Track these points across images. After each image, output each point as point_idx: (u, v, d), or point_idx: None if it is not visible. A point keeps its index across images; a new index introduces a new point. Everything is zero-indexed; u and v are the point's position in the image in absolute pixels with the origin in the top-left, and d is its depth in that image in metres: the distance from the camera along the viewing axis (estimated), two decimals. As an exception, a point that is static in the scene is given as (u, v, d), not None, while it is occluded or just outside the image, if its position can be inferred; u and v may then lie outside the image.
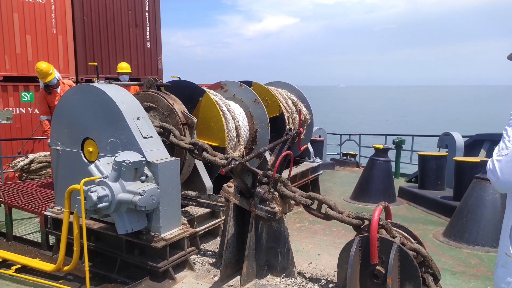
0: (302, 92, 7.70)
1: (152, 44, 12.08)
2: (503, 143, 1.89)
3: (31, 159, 8.14)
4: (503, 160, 1.84)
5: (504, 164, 1.84)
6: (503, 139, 1.91)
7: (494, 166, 1.88)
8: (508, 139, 1.88)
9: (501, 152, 1.88)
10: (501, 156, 1.86)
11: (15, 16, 9.52)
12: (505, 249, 1.95)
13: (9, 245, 5.09)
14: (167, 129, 4.45)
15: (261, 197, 3.76)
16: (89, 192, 3.53)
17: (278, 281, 3.84)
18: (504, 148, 1.87)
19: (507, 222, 2.01)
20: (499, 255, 2.04)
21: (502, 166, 1.85)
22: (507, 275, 1.93)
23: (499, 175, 1.86)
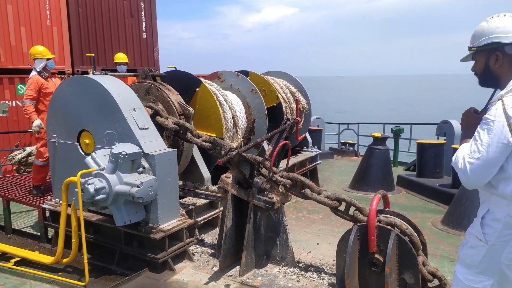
0: (299, 82, 7.65)
1: (148, 34, 11.98)
2: (475, 146, 1.99)
3: (29, 152, 8.09)
4: (475, 164, 1.97)
5: (475, 167, 1.97)
6: (475, 141, 2.01)
7: (466, 168, 2.00)
8: (481, 142, 1.97)
9: (473, 155, 1.98)
10: (473, 159, 1.98)
11: (9, 8, 9.40)
12: (477, 233, 2.12)
13: (8, 238, 5.09)
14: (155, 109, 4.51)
15: (259, 187, 3.75)
16: (86, 185, 3.52)
17: (277, 271, 3.85)
18: (476, 152, 1.97)
19: (482, 209, 2.15)
20: (469, 237, 2.20)
21: (473, 169, 1.98)
22: (475, 255, 2.12)
23: (470, 177, 1.99)
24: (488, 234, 2.07)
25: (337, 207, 3.52)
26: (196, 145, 4.42)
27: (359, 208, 3.42)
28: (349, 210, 3.51)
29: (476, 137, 2.01)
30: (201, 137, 4.33)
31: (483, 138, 1.97)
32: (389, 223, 3.16)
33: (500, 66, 2.09)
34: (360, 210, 3.41)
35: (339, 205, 3.52)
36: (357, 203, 3.43)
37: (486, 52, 2.11)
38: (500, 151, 1.93)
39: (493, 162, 1.95)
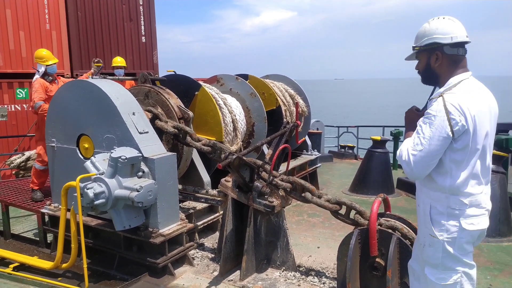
0: (298, 85, 7.65)
1: (147, 38, 11.98)
2: (418, 139, 2.13)
3: (28, 156, 8.07)
4: (418, 155, 2.12)
5: (418, 159, 2.12)
6: (418, 135, 2.14)
7: (409, 160, 2.15)
8: (423, 136, 2.11)
9: (416, 147, 2.13)
10: (416, 151, 2.12)
11: (8, 12, 9.39)
12: (429, 231, 2.21)
13: (7, 243, 5.05)
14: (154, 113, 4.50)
15: (259, 191, 3.74)
16: (86, 189, 3.50)
17: (278, 275, 3.83)
18: (419, 144, 2.11)
19: (424, 207, 2.25)
20: (423, 237, 2.28)
21: (416, 161, 2.12)
22: (436, 252, 2.19)
23: (413, 168, 2.15)
24: (438, 229, 2.17)
25: (338, 211, 3.51)
26: (195, 149, 4.41)
27: (359, 211, 3.41)
28: (350, 213, 3.49)
29: (419, 131, 2.13)
30: (201, 141, 4.32)
31: (425, 132, 2.10)
32: (390, 226, 3.15)
33: (440, 65, 2.22)
34: (361, 214, 3.40)
35: (340, 208, 3.51)
36: (358, 206, 3.42)
37: (428, 51, 2.24)
38: (441, 144, 2.07)
39: (434, 154, 2.09)
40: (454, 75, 2.19)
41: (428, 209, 2.22)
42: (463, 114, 2.03)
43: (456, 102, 2.05)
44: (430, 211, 2.21)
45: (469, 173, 2.12)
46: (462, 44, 2.20)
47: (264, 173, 3.82)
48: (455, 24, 2.19)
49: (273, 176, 3.73)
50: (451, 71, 2.21)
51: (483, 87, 2.22)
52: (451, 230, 2.14)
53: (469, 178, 2.13)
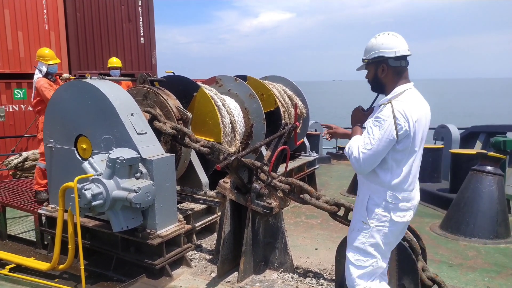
0: (297, 86, 7.65)
1: (145, 39, 11.98)
2: (368, 139, 2.38)
3: (25, 157, 8.04)
4: (367, 154, 2.38)
5: (367, 157, 2.38)
6: (368, 135, 2.40)
7: (359, 156, 2.40)
8: (373, 137, 2.37)
9: (366, 146, 2.39)
10: (366, 150, 2.38)
11: (6, 12, 9.38)
12: (362, 218, 2.52)
13: (3, 244, 5.04)
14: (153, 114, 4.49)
15: (257, 192, 3.73)
16: (83, 190, 3.49)
17: (275, 276, 3.82)
18: (369, 144, 2.38)
19: (363, 197, 2.55)
20: (355, 223, 2.60)
21: (365, 158, 2.39)
22: (362, 238, 2.51)
23: (362, 164, 2.41)
24: (371, 217, 2.47)
25: (336, 212, 3.51)
26: (194, 150, 4.40)
27: None
28: (348, 215, 3.49)
29: (369, 132, 2.40)
30: (199, 142, 4.31)
31: (375, 133, 2.36)
32: (388, 228, 3.14)
33: (386, 75, 2.49)
34: None
35: (338, 210, 3.51)
36: None
37: (375, 64, 2.51)
38: (387, 145, 2.35)
39: (380, 153, 2.38)
40: (398, 85, 2.46)
41: (366, 200, 2.52)
42: (407, 120, 2.32)
43: (402, 109, 2.33)
44: (367, 201, 2.50)
45: (407, 171, 2.43)
46: (405, 57, 2.47)
47: (263, 175, 3.82)
48: (398, 40, 2.45)
49: (271, 178, 3.72)
50: (395, 81, 2.47)
51: (421, 97, 2.52)
52: (381, 220, 2.45)
53: (406, 176, 2.43)
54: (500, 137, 5.84)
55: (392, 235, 2.49)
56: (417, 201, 2.55)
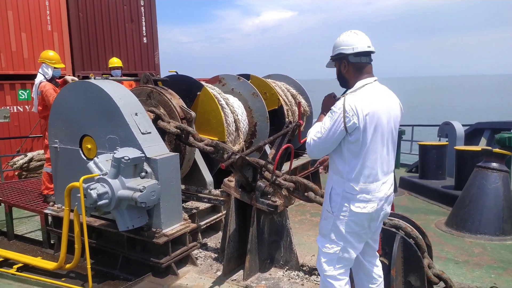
0: (300, 84, 7.65)
1: (148, 39, 11.99)
2: (320, 128, 2.54)
3: (30, 158, 8.09)
4: (317, 141, 2.55)
5: (316, 144, 2.56)
6: (321, 124, 2.55)
7: (310, 142, 2.60)
8: (324, 126, 2.52)
9: (317, 134, 2.55)
10: (316, 138, 2.55)
11: (10, 14, 9.41)
12: (326, 207, 2.63)
13: (11, 244, 5.07)
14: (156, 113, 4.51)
15: (262, 190, 3.74)
16: (89, 190, 3.50)
17: (281, 274, 3.83)
18: (319, 132, 2.54)
19: (328, 187, 2.65)
20: (322, 211, 2.71)
21: (314, 145, 2.57)
22: (327, 225, 2.62)
23: (312, 150, 2.61)
24: (333, 207, 2.57)
25: None
26: (198, 149, 4.41)
27: None
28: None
29: (323, 121, 2.55)
30: (203, 141, 4.32)
31: (326, 123, 2.51)
32: (394, 225, 3.15)
33: (347, 71, 2.61)
34: None
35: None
36: None
37: (338, 60, 2.64)
38: (336, 136, 2.48)
39: (329, 142, 2.52)
40: (359, 80, 2.55)
41: (329, 189, 2.62)
42: (357, 114, 2.41)
43: (353, 103, 2.43)
44: (330, 191, 2.60)
45: (362, 163, 2.48)
46: (365, 53, 2.55)
47: (267, 173, 3.82)
48: (358, 37, 2.55)
49: (276, 176, 3.73)
50: (356, 76, 2.57)
51: (386, 91, 2.59)
52: (342, 209, 2.53)
53: (362, 168, 2.48)
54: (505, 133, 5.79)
55: (355, 225, 2.52)
56: (385, 194, 2.54)
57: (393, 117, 2.56)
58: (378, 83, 2.59)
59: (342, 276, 2.61)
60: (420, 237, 3.17)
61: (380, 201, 2.52)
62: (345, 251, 2.57)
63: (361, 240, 2.60)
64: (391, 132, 2.55)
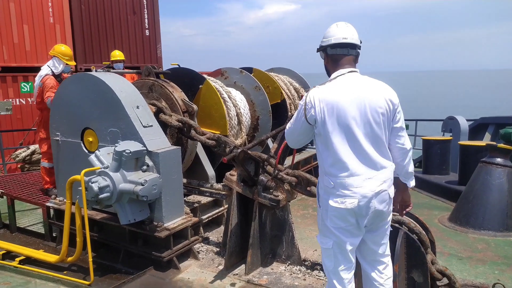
0: (303, 78, 7.59)
1: (150, 31, 11.93)
2: (292, 119, 2.65)
3: (33, 150, 8.11)
4: (287, 131, 2.70)
5: (287, 133, 2.71)
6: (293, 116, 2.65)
7: (285, 132, 2.74)
8: (293, 117, 2.63)
9: (288, 125, 2.69)
10: (287, 128, 2.70)
11: (11, 6, 9.37)
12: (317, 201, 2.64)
13: (13, 236, 5.08)
14: (158, 106, 4.48)
15: (264, 185, 3.71)
16: (90, 183, 3.49)
17: (283, 269, 3.81)
18: (289, 123, 2.67)
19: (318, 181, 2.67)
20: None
21: (286, 134, 2.73)
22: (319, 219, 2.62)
23: (286, 139, 2.76)
24: (319, 201, 2.58)
25: None
26: (200, 142, 4.38)
27: None
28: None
29: (294, 113, 2.65)
30: (205, 135, 4.29)
31: (294, 115, 2.61)
32: (397, 221, 3.11)
33: (327, 63, 2.63)
34: None
35: (346, 202, 3.47)
36: None
37: (321, 52, 2.64)
38: (299, 126, 2.55)
39: (296, 132, 2.61)
40: (335, 71, 2.54)
41: (317, 184, 2.65)
42: (313, 106, 2.42)
43: (313, 95, 2.44)
44: (318, 185, 2.63)
45: (333, 156, 2.43)
46: (340, 44, 2.51)
47: (269, 167, 3.79)
48: (336, 29, 2.54)
49: (278, 170, 3.69)
50: (334, 68, 2.56)
51: (365, 82, 2.48)
52: (324, 204, 2.51)
53: (334, 161, 2.43)
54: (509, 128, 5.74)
55: (339, 220, 2.44)
56: (371, 191, 2.38)
57: (370, 108, 2.40)
58: (355, 74, 2.50)
59: (344, 273, 2.53)
60: (423, 232, 3.14)
61: (364, 197, 2.38)
62: (338, 246, 2.50)
63: (352, 235, 2.49)
64: (368, 124, 2.40)
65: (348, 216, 2.42)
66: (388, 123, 2.47)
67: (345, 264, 2.53)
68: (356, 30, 2.58)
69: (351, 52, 2.53)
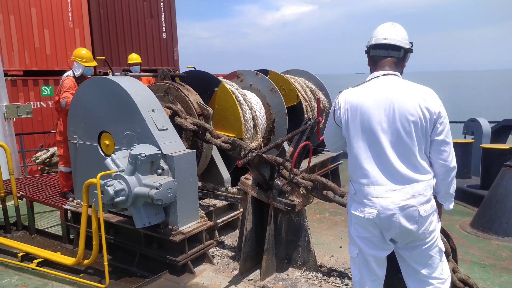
0: (320, 80, 7.50)
1: (168, 34, 12.05)
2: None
3: (52, 152, 8.26)
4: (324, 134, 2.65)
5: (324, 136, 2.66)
6: None
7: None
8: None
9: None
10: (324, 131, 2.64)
11: (33, 11, 9.60)
12: None
13: (32, 238, 5.16)
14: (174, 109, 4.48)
15: (279, 189, 3.66)
16: (106, 186, 3.50)
17: (299, 275, 3.75)
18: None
19: None
20: None
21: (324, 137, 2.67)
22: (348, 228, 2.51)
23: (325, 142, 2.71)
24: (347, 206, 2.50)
25: None
26: (215, 146, 4.36)
27: None
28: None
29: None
30: (220, 138, 4.27)
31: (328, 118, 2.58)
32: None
33: (369, 65, 2.49)
34: None
35: (363, 208, 3.39)
36: None
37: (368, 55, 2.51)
38: (331, 129, 2.53)
39: (328, 134, 2.60)
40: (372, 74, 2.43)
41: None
42: (339, 107, 2.39)
43: (341, 97, 2.40)
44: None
45: (355, 162, 2.33)
46: (380, 45, 2.38)
47: (285, 171, 3.73)
48: (379, 29, 2.42)
49: (294, 174, 3.63)
50: (373, 70, 2.44)
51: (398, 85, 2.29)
52: (348, 210, 2.45)
53: (355, 167, 2.33)
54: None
55: (362, 229, 2.32)
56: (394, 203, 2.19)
57: (400, 115, 2.19)
58: (392, 77, 2.32)
59: (369, 286, 2.42)
60: (444, 239, 3.03)
61: (385, 209, 2.20)
62: (362, 257, 2.39)
63: (376, 247, 2.34)
64: (396, 132, 2.20)
65: (369, 227, 2.30)
66: (423, 134, 2.23)
67: (370, 277, 2.41)
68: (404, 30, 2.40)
69: (392, 54, 2.36)
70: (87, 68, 5.21)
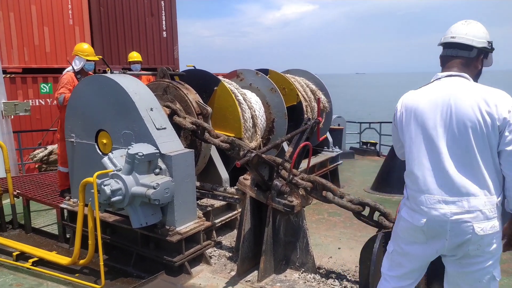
0: (320, 80, 7.46)
1: (168, 33, 11.99)
2: None
3: (50, 151, 8.22)
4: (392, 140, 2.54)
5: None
6: None
7: None
8: None
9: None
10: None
11: (33, 8, 9.56)
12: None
13: (28, 237, 5.11)
14: (172, 108, 4.43)
15: (278, 190, 3.61)
16: (103, 186, 3.46)
17: (297, 277, 3.71)
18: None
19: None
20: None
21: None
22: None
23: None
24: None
25: (361, 212, 3.36)
26: (214, 145, 4.31)
27: (384, 213, 3.25)
28: (374, 215, 3.34)
29: None
30: (219, 137, 4.22)
31: None
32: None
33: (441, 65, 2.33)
34: (386, 216, 3.24)
35: (363, 209, 3.36)
36: (382, 208, 3.25)
37: None
38: (393, 133, 2.45)
39: (393, 140, 2.50)
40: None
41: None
42: (397, 110, 2.32)
43: (400, 99, 2.32)
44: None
45: (407, 167, 2.26)
46: (448, 45, 2.24)
47: (284, 171, 3.69)
48: (452, 27, 2.25)
49: (293, 175, 3.59)
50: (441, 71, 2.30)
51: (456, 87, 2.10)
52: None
53: (408, 172, 2.25)
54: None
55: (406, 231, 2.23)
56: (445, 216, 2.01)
57: (457, 120, 2.02)
58: (457, 79, 2.14)
59: (394, 282, 2.36)
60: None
61: (436, 222, 2.04)
62: (396, 255, 2.33)
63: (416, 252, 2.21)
64: (454, 138, 2.02)
65: (411, 231, 2.20)
66: (484, 142, 2.00)
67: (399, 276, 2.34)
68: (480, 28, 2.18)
69: (460, 54, 2.18)
70: (88, 63, 5.15)
